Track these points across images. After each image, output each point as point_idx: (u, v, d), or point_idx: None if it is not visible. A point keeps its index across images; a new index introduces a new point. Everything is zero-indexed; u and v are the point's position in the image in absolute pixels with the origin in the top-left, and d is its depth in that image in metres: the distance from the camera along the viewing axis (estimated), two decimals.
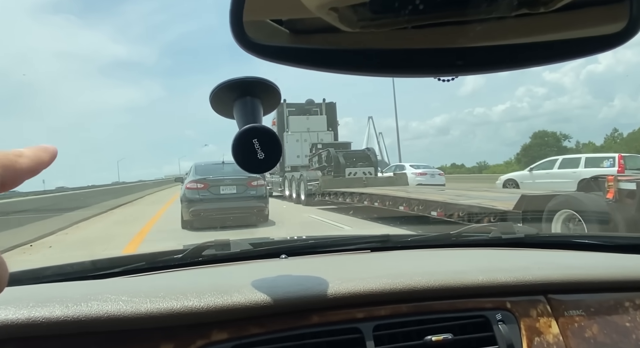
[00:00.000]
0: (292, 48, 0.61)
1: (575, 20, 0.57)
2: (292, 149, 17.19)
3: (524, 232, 1.60)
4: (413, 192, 9.48)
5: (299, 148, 17.37)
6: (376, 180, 13.67)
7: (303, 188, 14.01)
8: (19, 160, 0.38)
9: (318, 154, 15.84)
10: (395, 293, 0.92)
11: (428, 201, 7.68)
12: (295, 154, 17.24)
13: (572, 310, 1.01)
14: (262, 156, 0.75)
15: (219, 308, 0.82)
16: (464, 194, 8.27)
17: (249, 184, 9.16)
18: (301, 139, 17.43)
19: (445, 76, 0.61)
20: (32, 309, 0.77)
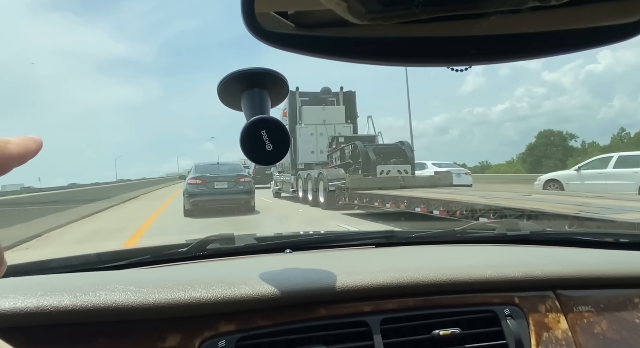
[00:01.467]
0: (303, 36, 0.60)
1: (589, 13, 0.56)
2: (305, 144, 14.92)
3: (529, 229, 1.60)
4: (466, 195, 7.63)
5: (314, 142, 15.00)
6: (415, 180, 11.23)
7: (322, 189, 12.01)
8: (7, 146, 0.38)
9: (340, 150, 13.46)
10: (403, 287, 0.92)
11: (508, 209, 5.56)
12: (309, 150, 14.97)
13: (581, 306, 1.00)
14: (271, 148, 0.75)
15: (227, 300, 0.83)
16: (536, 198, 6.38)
17: (237, 181, 11.63)
18: (316, 132, 15.04)
19: (459, 65, 0.61)
20: (40, 298, 0.77)
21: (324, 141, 14.84)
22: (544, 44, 0.59)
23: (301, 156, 15.04)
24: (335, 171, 12.43)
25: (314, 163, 14.87)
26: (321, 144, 14.96)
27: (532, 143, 48.15)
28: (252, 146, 0.75)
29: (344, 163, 13.00)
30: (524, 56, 0.60)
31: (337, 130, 14.98)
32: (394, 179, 10.84)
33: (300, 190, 13.84)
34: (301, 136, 14.98)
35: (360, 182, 10.75)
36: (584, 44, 0.59)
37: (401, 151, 12.70)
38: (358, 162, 12.23)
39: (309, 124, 15.08)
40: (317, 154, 15.05)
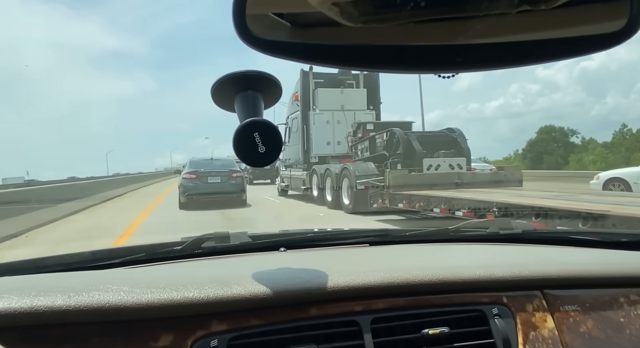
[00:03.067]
0: (294, 43, 0.61)
1: (576, 18, 0.57)
2: (320, 134, 12.61)
3: (521, 228, 1.62)
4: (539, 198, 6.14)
5: (330, 131, 12.64)
6: (475, 177, 8.95)
7: (346, 188, 9.88)
8: None
9: (370, 139, 10.97)
10: (393, 287, 0.93)
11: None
12: (325, 141, 12.62)
13: (568, 305, 1.02)
14: (263, 150, 0.75)
15: (219, 300, 0.84)
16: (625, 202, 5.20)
17: (230, 176, 11.90)
18: (333, 119, 12.64)
19: (445, 73, 0.62)
20: (34, 298, 0.78)
21: (342, 130, 12.48)
22: (530, 52, 0.59)
23: (315, 147, 12.67)
24: (363, 166, 10.00)
25: (330, 156, 12.62)
26: (338, 134, 12.55)
27: (533, 139, 47.63)
28: (245, 148, 0.76)
29: (374, 156, 10.58)
30: (509, 64, 0.61)
31: (357, 117, 12.48)
32: (448, 176, 8.63)
33: (315, 188, 11.89)
34: (315, 124, 12.62)
35: (406, 180, 8.36)
36: (570, 51, 0.60)
37: (452, 141, 10.05)
38: (396, 154, 9.76)
39: (325, 110, 12.64)
40: (333, 145, 12.71)
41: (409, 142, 9.64)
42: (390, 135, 10.18)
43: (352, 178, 9.57)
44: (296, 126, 13.24)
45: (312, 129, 12.65)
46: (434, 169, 9.11)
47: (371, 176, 9.35)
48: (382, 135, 10.56)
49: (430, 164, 9.16)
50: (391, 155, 9.98)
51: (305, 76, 12.61)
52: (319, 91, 12.72)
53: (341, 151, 12.56)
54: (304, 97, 12.82)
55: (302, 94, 12.86)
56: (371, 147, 10.92)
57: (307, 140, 12.81)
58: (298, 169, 13.42)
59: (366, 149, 11.15)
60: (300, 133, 12.83)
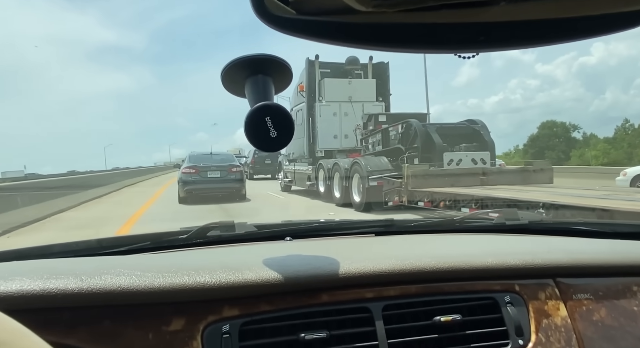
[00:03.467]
0: (310, 21, 0.59)
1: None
2: (327, 127, 11.87)
3: (528, 218, 1.60)
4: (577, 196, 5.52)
5: (337, 124, 11.91)
6: (501, 174, 8.18)
7: (357, 184, 9.18)
8: None
9: (383, 131, 10.13)
10: (405, 274, 0.93)
11: None
12: (332, 134, 11.89)
13: (581, 294, 1.02)
14: (275, 135, 0.74)
15: (231, 285, 0.83)
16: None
17: (229, 170, 11.86)
18: (340, 111, 11.91)
19: (466, 53, 0.60)
20: (46, 281, 0.78)
21: (349, 122, 11.75)
22: (553, 31, 0.57)
23: (321, 141, 11.93)
24: (375, 160, 9.25)
25: (337, 150, 11.89)
26: (346, 127, 11.85)
27: (535, 134, 47.29)
28: (257, 132, 0.75)
29: (387, 150, 9.77)
30: (533, 43, 0.59)
31: (366, 109, 11.77)
32: (472, 172, 7.83)
33: (322, 184, 11.08)
34: (322, 116, 11.85)
35: (426, 175, 7.65)
36: (595, 30, 0.58)
37: (473, 133, 9.15)
38: (413, 148, 8.89)
39: (332, 102, 11.87)
40: (340, 138, 11.97)
41: (427, 134, 8.70)
42: (407, 127, 9.20)
43: (363, 174, 8.83)
44: (301, 118, 12.38)
45: (318, 121, 11.88)
46: (455, 164, 8.22)
47: (384, 172, 8.63)
48: (396, 127, 9.63)
49: (451, 158, 8.28)
50: (407, 149, 9.03)
51: (311, 65, 11.96)
52: (326, 81, 11.91)
53: (349, 144, 11.83)
54: (309, 87, 12.06)
55: (307, 85, 12.06)
56: (384, 140, 10.07)
57: (312, 133, 12.07)
58: (303, 163, 12.74)
59: (378, 142, 10.31)
60: (306, 126, 12.09)
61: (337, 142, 11.99)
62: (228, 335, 0.82)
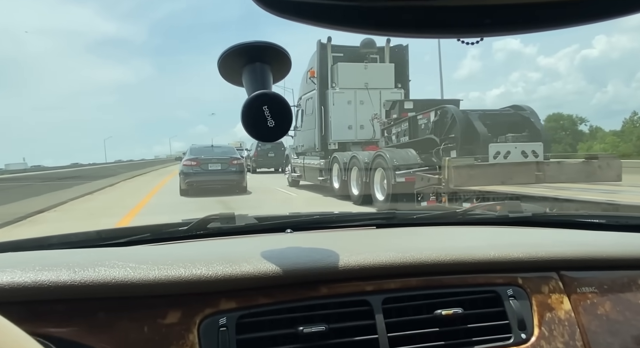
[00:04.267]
0: (309, 4, 0.57)
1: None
2: (340, 116, 10.76)
3: (531, 211, 1.59)
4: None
5: (352, 113, 10.78)
6: (560, 169, 6.74)
7: (379, 180, 8.21)
8: None
9: (410, 120, 8.81)
10: (405, 267, 0.92)
11: None
12: (346, 124, 10.80)
13: (585, 287, 1.01)
14: (273, 124, 0.73)
15: (228, 278, 0.83)
16: None
17: (230, 163, 11.95)
18: (355, 100, 10.76)
19: (470, 37, 0.58)
20: (38, 272, 0.77)
21: (365, 111, 10.63)
22: (563, 14, 0.55)
23: (334, 132, 10.83)
24: (402, 153, 8.07)
25: (351, 142, 10.89)
26: (362, 116, 10.72)
27: None
28: (254, 122, 0.73)
29: (415, 141, 8.50)
30: (542, 26, 0.56)
31: (384, 97, 10.61)
32: (526, 168, 6.48)
33: (337, 180, 10.04)
34: (335, 105, 10.75)
35: (472, 171, 6.29)
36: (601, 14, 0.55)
37: (521, 121, 7.78)
38: (450, 138, 7.57)
39: (346, 89, 10.72)
40: (355, 129, 10.86)
41: (468, 122, 7.33)
42: (442, 114, 7.84)
43: (389, 169, 7.76)
44: (311, 107, 11.47)
45: (331, 110, 10.75)
46: (502, 157, 6.76)
47: (412, 166, 7.56)
48: (427, 115, 8.29)
49: (497, 150, 6.80)
50: (443, 140, 7.67)
51: (323, 48, 10.81)
52: (339, 66, 10.71)
53: (364, 136, 10.76)
54: (321, 73, 10.81)
55: (319, 70, 10.81)
56: (412, 130, 8.75)
57: (324, 123, 10.96)
58: (314, 157, 11.61)
59: (404, 133, 8.98)
60: (317, 116, 11.03)
61: (351, 133, 10.87)
62: (225, 328, 0.81)
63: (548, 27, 0.57)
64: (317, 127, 11.16)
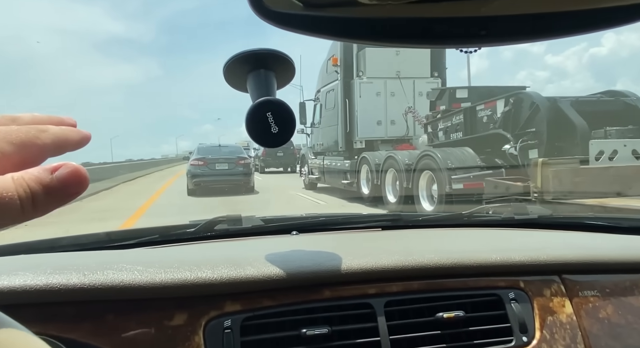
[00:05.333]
0: (310, 16, 0.58)
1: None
2: (368, 109, 9.42)
3: (537, 213, 1.58)
4: None
5: (381, 106, 9.43)
6: None
7: (428, 187, 6.71)
8: (40, 136, 0.35)
9: (467, 112, 7.21)
10: (407, 270, 0.93)
11: None
12: (374, 119, 9.44)
13: (587, 291, 1.01)
14: (276, 130, 0.74)
15: (232, 281, 0.84)
16: None
17: (237, 163, 11.91)
18: (385, 91, 9.41)
19: (468, 47, 0.60)
20: (49, 276, 0.79)
21: (397, 104, 9.33)
22: (558, 25, 0.56)
23: (361, 128, 9.51)
24: (457, 153, 6.45)
25: (380, 140, 9.54)
26: (393, 110, 9.40)
27: None
28: (258, 128, 0.74)
29: (473, 138, 6.94)
30: (536, 37, 0.57)
31: (418, 87, 9.39)
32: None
33: (366, 183, 8.67)
34: (362, 97, 9.38)
35: (576, 179, 4.73)
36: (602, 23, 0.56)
37: (626, 110, 6.05)
38: (528, 133, 5.88)
39: (375, 78, 9.36)
40: (385, 125, 9.50)
41: (558, 112, 5.69)
42: (516, 103, 6.11)
43: (440, 172, 6.25)
44: (333, 100, 10.14)
45: (357, 103, 9.40)
46: (606, 158, 5.01)
47: (472, 169, 6.09)
48: (492, 105, 6.62)
49: (600, 149, 5.04)
50: (518, 135, 5.95)
51: None
52: (367, 52, 9.26)
53: (396, 132, 9.47)
54: (345, 61, 9.50)
55: (343, 57, 9.50)
56: (468, 124, 7.12)
57: (349, 119, 9.63)
58: (336, 157, 10.35)
59: (456, 128, 7.40)
60: (341, 110, 9.71)
61: (381, 129, 9.54)
62: (230, 330, 0.83)
63: (542, 38, 0.58)
64: (341, 123, 9.84)
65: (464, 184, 6.06)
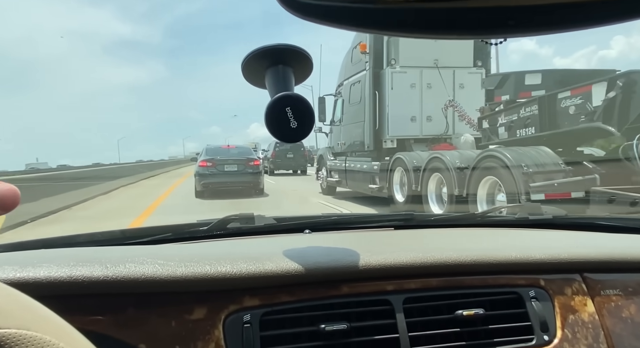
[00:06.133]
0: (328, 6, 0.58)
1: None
2: (401, 103, 8.19)
3: (552, 213, 1.56)
4: None
5: (416, 99, 8.20)
6: None
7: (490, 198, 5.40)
8: None
9: (544, 101, 5.63)
10: (426, 267, 0.93)
11: None
12: (407, 115, 8.23)
13: (609, 289, 1.00)
14: (295, 125, 0.74)
15: (251, 275, 0.84)
16: None
17: (247, 164, 11.52)
18: (421, 82, 8.15)
19: (494, 38, 0.59)
20: (73, 268, 0.79)
21: (435, 97, 8.10)
22: (590, 14, 0.54)
23: (392, 125, 8.24)
24: (530, 154, 5.05)
25: (414, 139, 8.39)
26: (430, 105, 8.17)
27: None
28: (277, 123, 0.74)
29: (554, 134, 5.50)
30: (567, 27, 0.56)
31: (458, 78, 8.19)
32: None
33: (400, 190, 7.54)
34: (394, 89, 8.13)
35: None
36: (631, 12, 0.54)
37: None
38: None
39: (409, 67, 8.15)
40: (421, 122, 8.25)
41: None
42: (627, 86, 4.68)
43: (512, 178, 4.89)
44: (359, 93, 8.94)
45: (388, 96, 8.13)
46: None
47: (555, 174, 4.78)
48: (585, 91, 5.12)
49: None
50: (632, 129, 4.65)
51: None
52: (400, 38, 7.41)
53: (433, 130, 8.24)
54: (375, 48, 8.33)
55: (372, 44, 8.33)
56: (545, 117, 5.60)
57: (379, 114, 8.36)
58: (362, 158, 9.09)
59: (526, 122, 5.88)
60: (368, 104, 8.50)
61: (415, 127, 8.25)
62: (249, 324, 0.83)
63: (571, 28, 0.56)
64: (369, 119, 8.57)
65: (546, 195, 4.68)
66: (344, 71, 10.07)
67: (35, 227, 7.33)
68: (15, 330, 0.30)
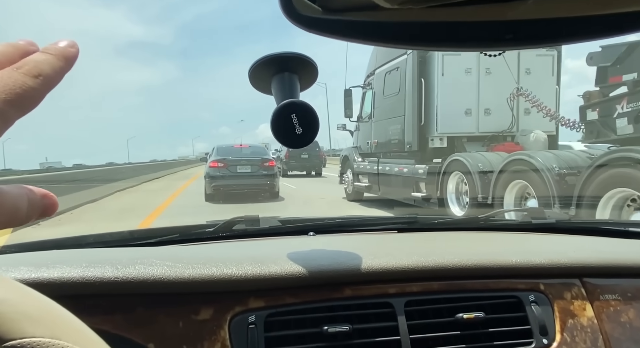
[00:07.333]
0: (335, 20, 0.59)
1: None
2: (452, 94, 6.80)
3: (555, 217, 1.56)
4: None
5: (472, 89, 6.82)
6: None
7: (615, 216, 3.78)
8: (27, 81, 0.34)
9: None
10: (427, 271, 0.94)
11: None
12: (461, 108, 6.88)
13: (608, 294, 1.00)
14: (300, 132, 0.76)
15: (257, 277, 0.86)
16: None
17: (261, 165, 10.64)
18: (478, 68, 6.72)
19: (492, 50, 0.61)
20: (85, 269, 0.82)
21: (495, 85, 6.70)
22: (583, 29, 0.56)
23: (442, 120, 6.86)
24: None
25: (467, 137, 6.98)
26: (488, 95, 6.73)
27: None
28: (282, 129, 0.76)
29: None
30: (561, 40, 0.59)
31: (523, 63, 6.72)
32: None
33: (457, 201, 6.26)
34: (445, 76, 6.76)
35: None
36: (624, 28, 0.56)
37: None
38: None
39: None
40: (477, 116, 6.81)
41: None
42: None
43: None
44: (397, 82, 7.49)
45: (437, 85, 6.75)
46: None
47: None
48: None
49: None
50: None
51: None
52: None
53: (493, 126, 6.83)
54: None
55: None
56: None
57: (426, 107, 6.96)
58: (400, 160, 7.58)
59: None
60: (411, 95, 7.10)
61: (470, 122, 6.82)
62: (254, 325, 0.85)
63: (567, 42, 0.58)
64: (411, 113, 7.18)
65: None
66: (375, 58, 8.55)
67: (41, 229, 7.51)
68: (48, 340, 0.30)
